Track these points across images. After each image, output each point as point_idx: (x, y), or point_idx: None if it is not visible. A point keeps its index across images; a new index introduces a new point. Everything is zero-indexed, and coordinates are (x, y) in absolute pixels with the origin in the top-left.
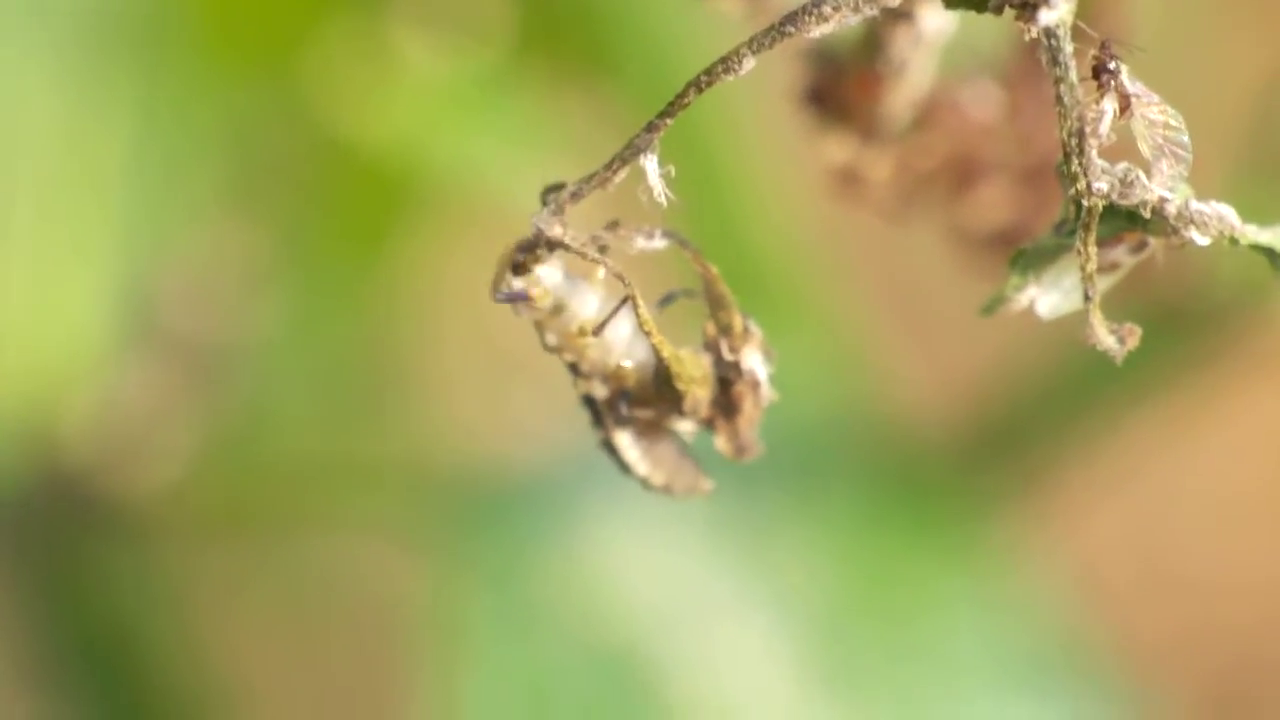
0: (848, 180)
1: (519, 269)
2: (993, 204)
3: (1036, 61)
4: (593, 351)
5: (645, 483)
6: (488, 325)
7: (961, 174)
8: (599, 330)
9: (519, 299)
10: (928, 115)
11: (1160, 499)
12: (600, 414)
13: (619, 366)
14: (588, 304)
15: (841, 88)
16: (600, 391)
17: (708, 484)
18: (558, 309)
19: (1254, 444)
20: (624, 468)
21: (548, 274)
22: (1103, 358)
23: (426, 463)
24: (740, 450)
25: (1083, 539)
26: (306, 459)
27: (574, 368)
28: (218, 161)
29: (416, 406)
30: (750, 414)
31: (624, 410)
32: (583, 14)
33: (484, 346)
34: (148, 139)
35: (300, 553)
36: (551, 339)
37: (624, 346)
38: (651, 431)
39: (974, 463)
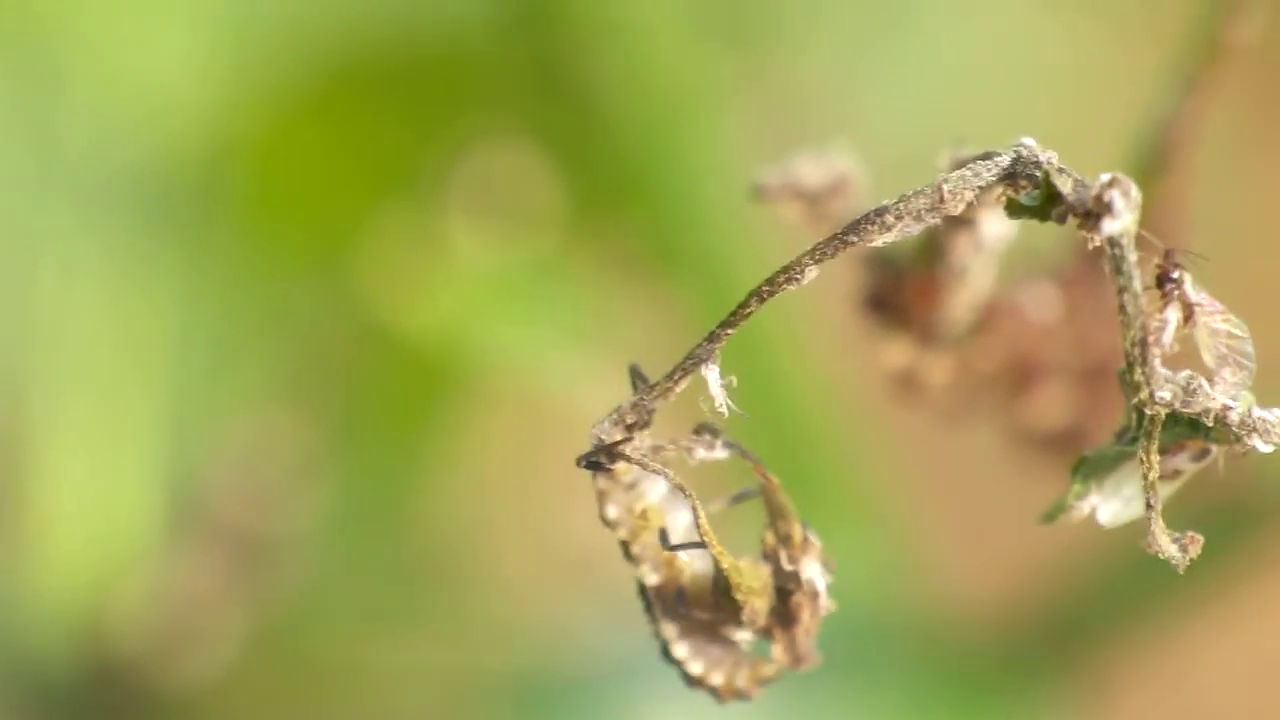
0: (907, 384)
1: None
2: (1050, 405)
3: (1093, 263)
4: (647, 535)
5: (694, 682)
6: (533, 514)
7: (1019, 376)
8: (665, 537)
9: (603, 469)
10: (986, 318)
11: (1205, 700)
12: (650, 603)
13: (673, 557)
14: (658, 488)
15: (901, 293)
16: (651, 578)
17: (758, 693)
18: (631, 485)
19: None
20: (674, 663)
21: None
22: (1157, 559)
23: (477, 658)
24: (797, 660)
25: None
26: (352, 653)
27: (626, 548)
28: (265, 349)
29: (466, 598)
30: (808, 624)
31: (680, 608)
32: (636, 205)
33: (531, 536)
34: (195, 325)
35: None
36: (613, 512)
37: (681, 537)
38: (708, 634)
39: (1026, 660)
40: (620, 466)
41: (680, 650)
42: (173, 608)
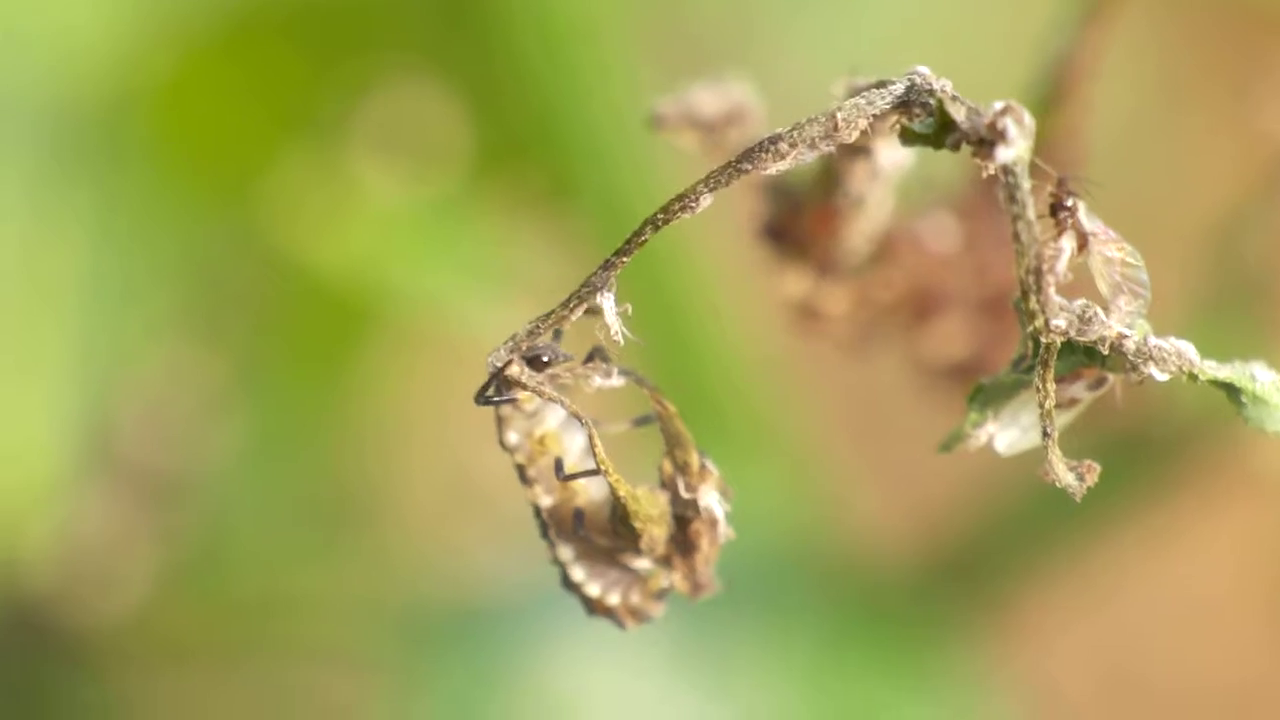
0: (807, 313)
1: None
2: (951, 335)
3: (993, 194)
4: (545, 460)
5: (593, 605)
6: (446, 450)
7: (919, 306)
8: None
9: (507, 401)
10: (885, 249)
11: (1123, 623)
12: (545, 525)
13: (567, 480)
14: (557, 414)
15: (799, 222)
16: (545, 500)
17: (658, 609)
18: (532, 412)
19: (1214, 565)
20: (573, 589)
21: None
22: (1064, 490)
23: (385, 590)
24: (697, 588)
25: (1047, 663)
26: (264, 587)
27: (521, 471)
28: (175, 286)
29: (375, 533)
30: (707, 552)
31: (580, 532)
32: (541, 141)
33: (442, 472)
34: (104, 263)
35: (259, 680)
36: (512, 438)
37: (577, 462)
38: (606, 560)
39: (936, 589)
40: (522, 394)
41: (577, 573)
42: (84, 545)
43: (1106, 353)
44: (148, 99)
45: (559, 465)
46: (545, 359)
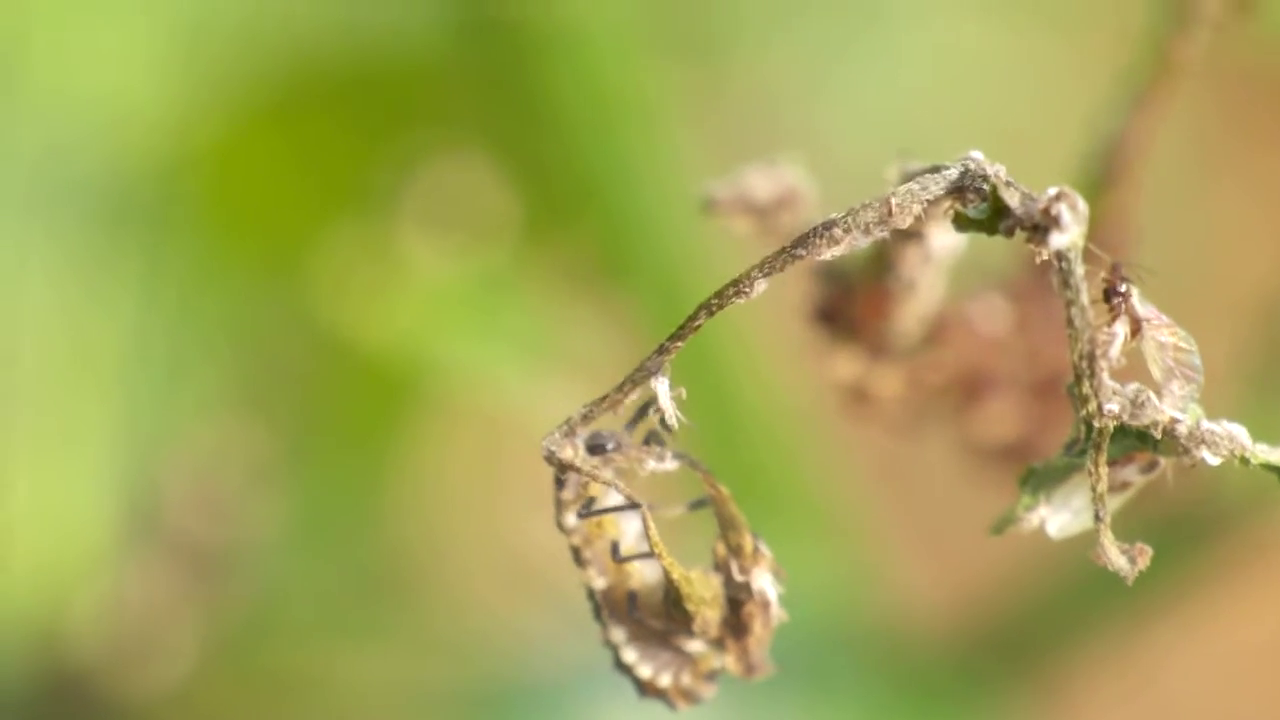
0: (857, 396)
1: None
2: (1001, 417)
3: (1043, 276)
4: (601, 543)
5: (644, 687)
6: (492, 525)
7: (970, 388)
8: (618, 551)
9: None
10: (937, 331)
11: (1167, 704)
12: (598, 607)
13: (623, 565)
14: (614, 497)
15: (851, 305)
16: (598, 583)
17: (710, 691)
18: (589, 495)
19: (1261, 645)
20: (625, 670)
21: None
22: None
23: (431, 666)
24: (750, 669)
25: None
26: (309, 662)
27: (577, 553)
28: (222, 358)
29: (421, 608)
30: (760, 634)
31: (633, 614)
32: (588, 216)
33: (488, 546)
34: (151, 334)
35: None
36: (570, 520)
37: (632, 546)
38: (659, 642)
39: (982, 666)
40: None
41: (629, 654)
42: (129, 617)
43: (1159, 437)
44: (196, 168)
45: (615, 548)
46: (606, 446)
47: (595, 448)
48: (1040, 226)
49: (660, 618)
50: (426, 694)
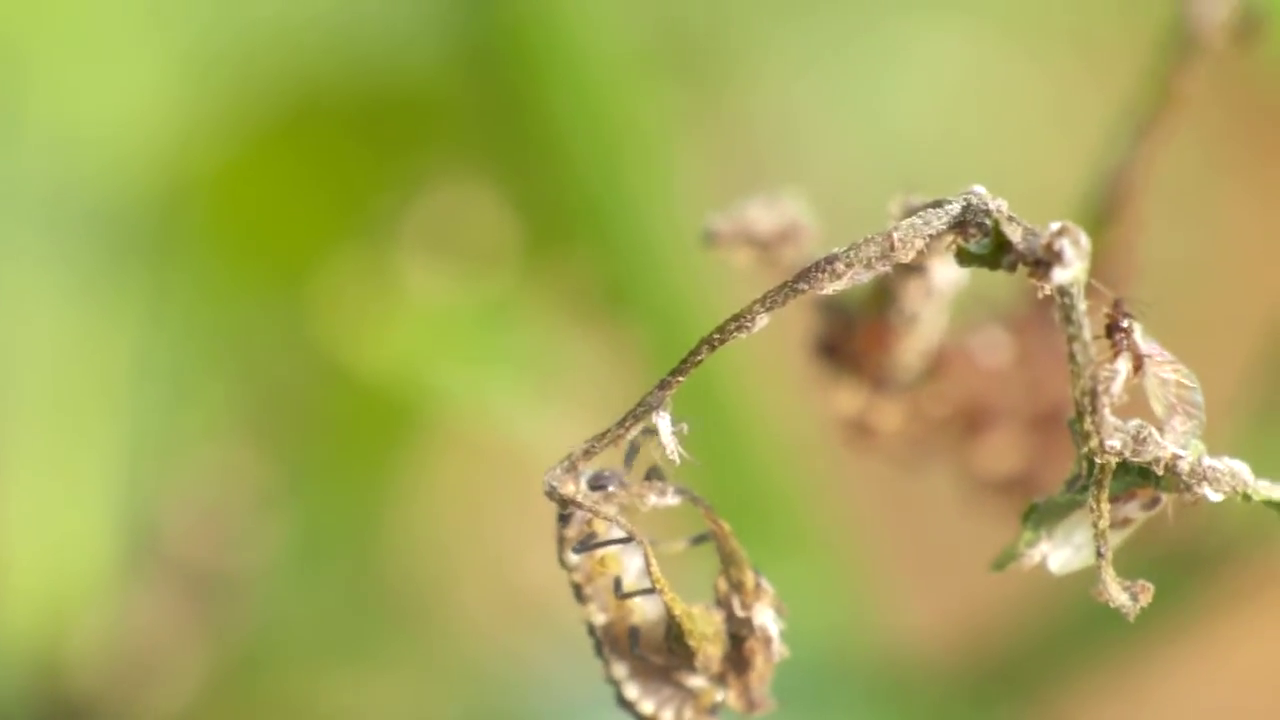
0: (859, 429)
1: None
2: (1003, 450)
3: (1045, 310)
4: (603, 580)
5: None
6: (493, 553)
7: (971, 421)
8: (620, 587)
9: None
10: (938, 364)
11: None
12: (600, 643)
13: (624, 601)
14: (614, 532)
15: (852, 339)
16: (599, 618)
17: None
18: (592, 531)
19: (1263, 679)
20: (625, 705)
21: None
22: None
23: (432, 694)
24: (751, 705)
25: None
26: (310, 689)
27: (578, 590)
28: (224, 383)
29: (422, 636)
30: (762, 670)
31: (635, 650)
32: (591, 246)
33: (489, 574)
34: (153, 359)
35: None
36: (573, 557)
37: (634, 581)
38: (661, 677)
39: (984, 699)
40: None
41: (631, 691)
42: (131, 643)
43: (1161, 473)
44: (199, 192)
45: (618, 584)
46: (608, 483)
47: (597, 484)
48: (1042, 262)
49: (662, 653)
50: (427, 717)
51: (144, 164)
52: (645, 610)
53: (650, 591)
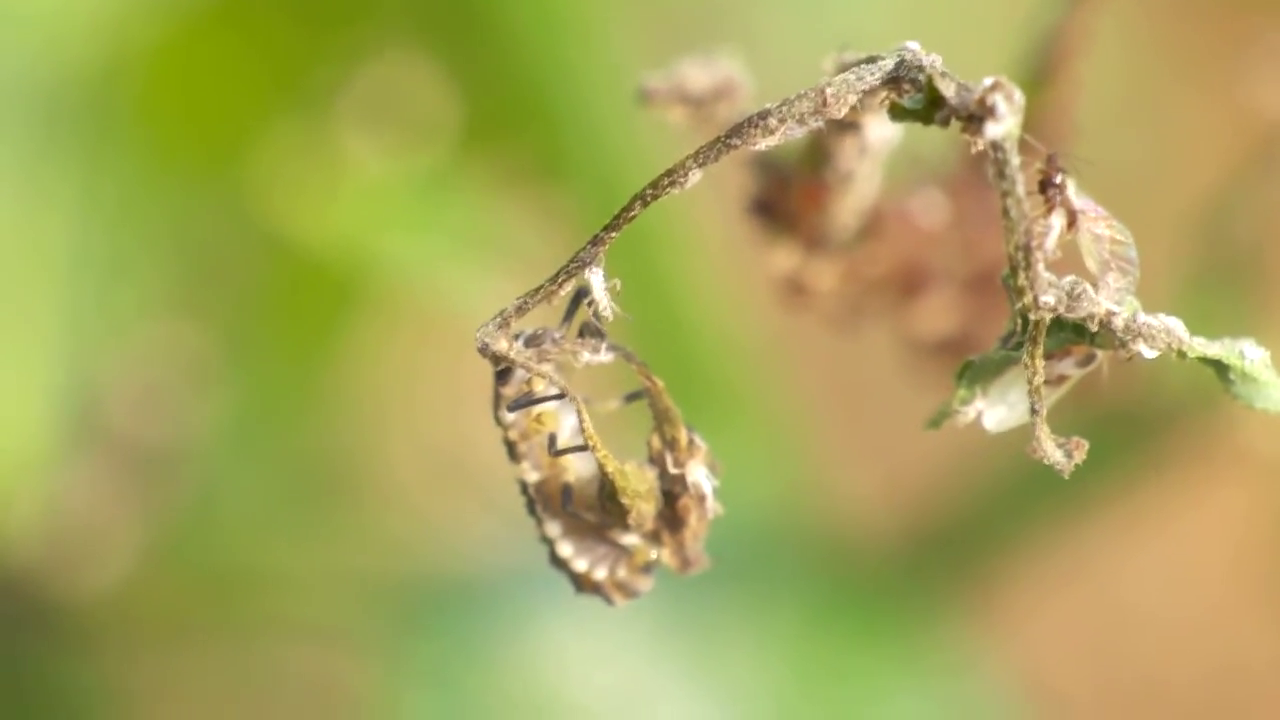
0: (794, 288)
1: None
2: (938, 311)
3: (981, 170)
4: (538, 437)
5: (580, 581)
6: (430, 424)
7: (907, 282)
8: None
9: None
10: (873, 224)
11: (1111, 602)
12: (532, 501)
13: (558, 458)
14: (549, 391)
15: (787, 197)
16: (532, 476)
17: (646, 585)
18: (530, 388)
19: (1203, 543)
20: (560, 565)
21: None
22: (1052, 467)
23: (371, 565)
24: (686, 564)
25: (1031, 639)
26: (249, 562)
27: (512, 447)
28: (163, 259)
29: (361, 508)
30: (696, 528)
31: (568, 508)
32: (529, 116)
33: (426, 446)
34: (91, 235)
35: (245, 655)
36: (509, 415)
37: (568, 440)
38: (594, 536)
39: (921, 565)
40: (540, 387)
41: (564, 548)
42: (69, 519)
43: (1095, 330)
44: (136, 69)
45: (552, 441)
46: (542, 339)
47: (533, 341)
48: (975, 116)
49: (595, 511)
50: (364, 589)
51: (80, 42)
52: (578, 468)
53: (583, 449)
